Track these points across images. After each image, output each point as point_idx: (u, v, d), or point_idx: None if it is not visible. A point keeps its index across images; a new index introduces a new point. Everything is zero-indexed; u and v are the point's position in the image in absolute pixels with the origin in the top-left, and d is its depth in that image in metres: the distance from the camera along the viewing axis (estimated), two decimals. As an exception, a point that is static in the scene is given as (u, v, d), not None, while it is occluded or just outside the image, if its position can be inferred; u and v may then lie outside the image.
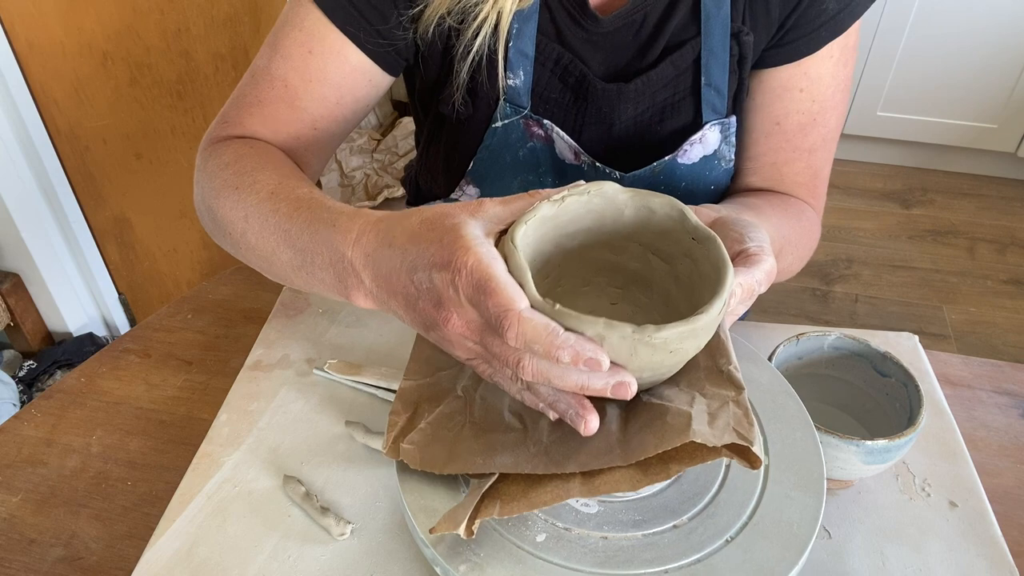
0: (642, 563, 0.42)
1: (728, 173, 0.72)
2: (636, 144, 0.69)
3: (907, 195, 2.42)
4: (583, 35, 0.66)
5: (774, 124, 0.70)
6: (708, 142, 0.69)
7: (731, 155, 0.71)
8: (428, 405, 0.48)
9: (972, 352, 1.82)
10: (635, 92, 0.66)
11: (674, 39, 0.66)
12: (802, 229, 0.70)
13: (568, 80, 0.67)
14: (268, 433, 0.62)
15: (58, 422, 0.65)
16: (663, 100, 0.68)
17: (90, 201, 1.54)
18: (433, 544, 0.43)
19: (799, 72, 0.67)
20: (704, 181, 0.71)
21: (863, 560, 0.53)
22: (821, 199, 0.75)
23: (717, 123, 0.68)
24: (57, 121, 1.43)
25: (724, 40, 0.65)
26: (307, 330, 0.71)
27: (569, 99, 0.68)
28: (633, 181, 0.69)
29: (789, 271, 0.68)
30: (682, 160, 0.69)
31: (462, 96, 0.67)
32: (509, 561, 0.42)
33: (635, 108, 0.68)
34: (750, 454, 0.39)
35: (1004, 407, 0.66)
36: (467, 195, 0.74)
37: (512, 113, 0.67)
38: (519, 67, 0.65)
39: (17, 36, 1.32)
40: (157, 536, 0.54)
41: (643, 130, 0.69)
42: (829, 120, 0.70)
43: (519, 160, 0.70)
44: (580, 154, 0.69)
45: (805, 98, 0.68)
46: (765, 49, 0.67)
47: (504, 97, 0.67)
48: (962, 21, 2.16)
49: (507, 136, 0.69)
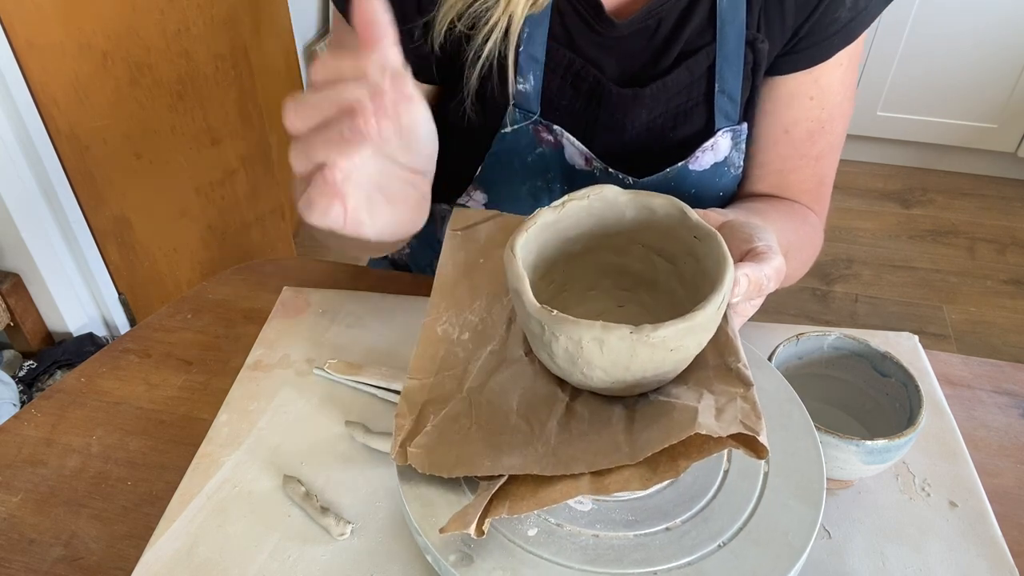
0: (632, 563, 0.42)
1: (736, 180, 0.72)
2: (648, 150, 0.69)
3: (907, 195, 2.42)
4: (596, 39, 0.65)
5: (783, 132, 0.69)
6: (719, 149, 0.69)
7: (740, 162, 0.71)
8: (433, 407, 0.48)
9: (972, 352, 1.82)
10: (651, 97, 0.66)
11: (689, 45, 0.65)
12: (806, 235, 0.70)
13: (580, 86, 0.66)
14: (268, 433, 0.62)
15: (58, 422, 0.65)
16: (677, 106, 0.67)
17: (90, 201, 1.54)
18: (425, 533, 0.43)
19: (810, 80, 0.67)
20: (713, 187, 0.71)
21: (863, 560, 0.53)
22: (825, 206, 0.75)
23: (729, 130, 0.68)
24: (57, 121, 1.43)
25: (739, 47, 0.65)
26: (307, 330, 0.71)
27: (580, 105, 0.67)
28: (645, 187, 0.69)
29: (793, 277, 0.68)
30: (693, 167, 0.69)
31: (471, 103, 0.67)
32: (499, 553, 0.42)
33: (649, 114, 0.67)
34: (756, 444, 0.39)
35: (1004, 407, 0.66)
36: (474, 201, 0.74)
37: (522, 119, 0.67)
38: (529, 72, 0.65)
39: (17, 36, 1.32)
40: (157, 536, 0.54)
41: (656, 136, 0.68)
42: (836, 128, 0.70)
43: (528, 166, 0.70)
44: (591, 160, 0.68)
45: (815, 106, 0.68)
46: (777, 56, 0.67)
47: (514, 103, 0.66)
48: (962, 21, 2.16)
49: (516, 142, 0.68)
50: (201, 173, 1.70)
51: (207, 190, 1.73)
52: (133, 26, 1.46)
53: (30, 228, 1.47)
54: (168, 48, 1.53)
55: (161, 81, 1.54)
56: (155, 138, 1.58)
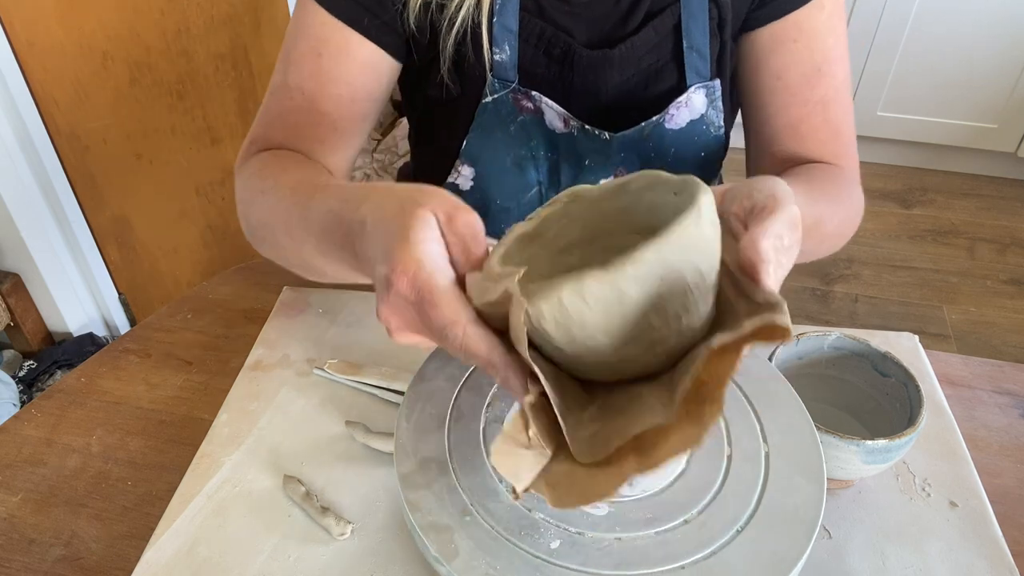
0: (657, 561, 0.42)
1: (718, 140, 0.73)
2: (624, 110, 0.70)
3: (907, 195, 2.42)
4: (565, 8, 0.67)
5: (775, 79, 0.70)
6: (694, 105, 0.70)
7: (719, 120, 0.72)
8: None
9: (972, 352, 1.82)
10: (620, 58, 0.68)
11: (655, 5, 0.68)
12: (837, 193, 0.66)
13: (552, 53, 0.68)
14: (268, 433, 0.62)
15: (58, 422, 0.65)
16: (648, 66, 0.69)
17: (90, 201, 1.54)
18: (448, 560, 0.42)
19: (789, 25, 0.68)
20: (693, 146, 0.72)
21: (863, 560, 0.53)
22: (853, 159, 0.72)
23: (702, 86, 0.70)
24: (57, 121, 1.43)
25: (703, 3, 0.67)
26: (307, 330, 0.71)
27: (555, 72, 0.69)
28: (622, 142, 0.70)
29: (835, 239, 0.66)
30: (669, 125, 0.70)
31: (449, 73, 0.68)
32: (526, 570, 0.42)
33: (621, 75, 0.69)
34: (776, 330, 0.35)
35: (1004, 407, 0.66)
36: (463, 176, 0.75)
37: (501, 88, 0.69)
38: (504, 42, 0.67)
39: (17, 36, 1.32)
40: (157, 536, 0.54)
41: (630, 96, 0.70)
42: (835, 71, 0.69)
43: (511, 136, 0.72)
44: (569, 120, 0.70)
45: (801, 48, 0.68)
46: (749, 12, 0.68)
47: (492, 73, 0.68)
48: (962, 21, 2.16)
49: (497, 112, 0.70)
50: (201, 173, 1.70)
51: (207, 190, 1.73)
52: (133, 26, 1.46)
53: (30, 228, 1.47)
54: (168, 48, 1.53)
55: (161, 81, 1.54)
56: (155, 138, 1.58)
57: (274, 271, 0.81)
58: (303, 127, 0.67)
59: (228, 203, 1.81)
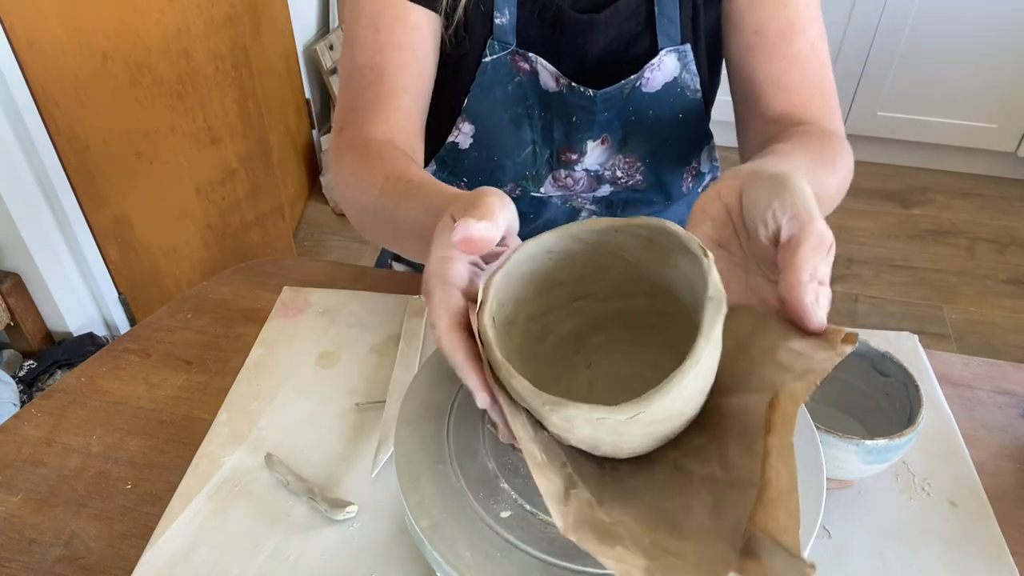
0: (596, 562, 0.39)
1: (696, 103, 0.79)
2: (607, 71, 0.76)
3: (907, 195, 2.42)
4: None
5: (753, 35, 0.74)
6: (667, 68, 0.76)
7: (695, 84, 0.78)
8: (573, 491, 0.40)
9: (972, 352, 1.82)
10: (604, 23, 0.74)
11: None
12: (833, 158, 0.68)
13: (546, 16, 0.74)
14: (268, 433, 0.62)
15: (58, 422, 0.65)
16: (628, 31, 0.75)
17: (90, 201, 1.54)
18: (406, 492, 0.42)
19: None
20: (670, 108, 0.78)
21: (863, 560, 0.53)
22: (836, 115, 0.76)
23: (673, 50, 0.76)
24: (57, 121, 1.43)
25: None
26: (307, 330, 0.71)
27: (548, 34, 0.75)
28: (605, 99, 0.76)
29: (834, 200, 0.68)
30: (646, 89, 0.77)
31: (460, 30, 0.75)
32: (468, 526, 0.42)
33: (605, 38, 0.75)
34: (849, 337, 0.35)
35: (1004, 407, 0.66)
36: (463, 133, 0.80)
37: (500, 49, 0.75)
38: (504, 7, 0.74)
39: (17, 36, 1.32)
40: (157, 536, 0.54)
41: (612, 58, 0.76)
42: (809, 29, 0.73)
43: (508, 95, 0.78)
44: (559, 78, 0.76)
45: (777, 4, 0.73)
46: None
47: (493, 36, 0.75)
48: (962, 21, 2.16)
49: (496, 72, 0.76)
50: (201, 173, 1.70)
51: (207, 190, 1.73)
52: (133, 26, 1.46)
53: (30, 228, 1.47)
54: (168, 48, 1.53)
55: (161, 81, 1.54)
56: (155, 138, 1.58)
57: (274, 271, 0.81)
58: (379, 101, 0.72)
59: (228, 203, 1.81)
